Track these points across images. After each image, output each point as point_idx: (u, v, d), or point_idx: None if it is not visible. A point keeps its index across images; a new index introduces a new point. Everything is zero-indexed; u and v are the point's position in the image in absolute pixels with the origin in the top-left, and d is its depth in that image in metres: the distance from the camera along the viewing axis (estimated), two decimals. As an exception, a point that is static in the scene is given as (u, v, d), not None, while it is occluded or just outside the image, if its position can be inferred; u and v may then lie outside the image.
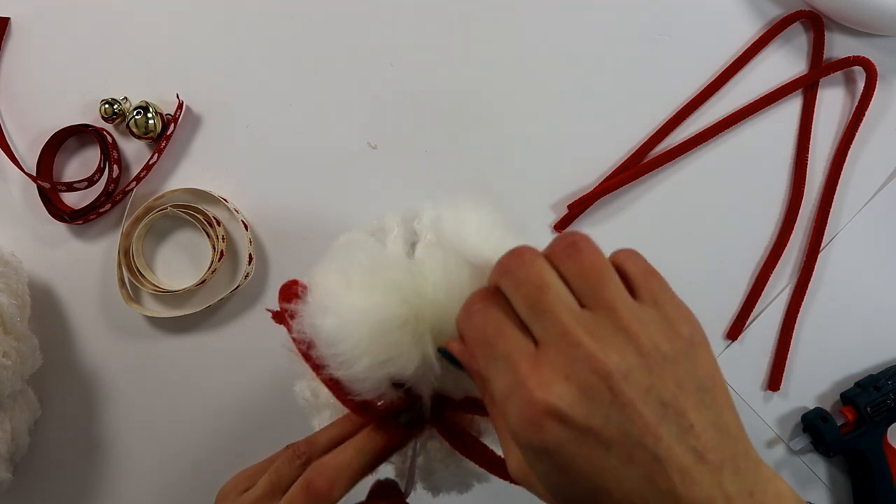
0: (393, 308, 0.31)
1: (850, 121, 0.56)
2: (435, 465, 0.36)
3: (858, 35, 0.56)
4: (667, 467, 0.23)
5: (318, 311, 0.31)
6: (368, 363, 0.30)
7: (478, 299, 0.27)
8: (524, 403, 0.24)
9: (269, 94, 0.56)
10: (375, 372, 0.30)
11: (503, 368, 0.25)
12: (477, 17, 0.56)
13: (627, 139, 0.56)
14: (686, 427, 0.24)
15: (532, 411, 0.24)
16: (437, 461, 0.36)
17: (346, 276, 0.32)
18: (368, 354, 0.30)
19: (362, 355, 0.30)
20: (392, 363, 0.30)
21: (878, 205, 0.56)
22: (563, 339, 0.24)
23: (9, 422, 0.49)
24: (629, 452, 0.23)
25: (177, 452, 0.56)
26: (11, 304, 0.48)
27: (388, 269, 0.32)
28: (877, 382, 0.53)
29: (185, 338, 0.56)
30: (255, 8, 0.56)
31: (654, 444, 0.23)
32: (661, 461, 0.23)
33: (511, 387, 0.24)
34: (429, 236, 0.34)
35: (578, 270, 0.26)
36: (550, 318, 0.25)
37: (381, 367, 0.30)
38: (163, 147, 0.54)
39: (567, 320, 0.25)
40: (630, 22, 0.56)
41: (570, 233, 0.27)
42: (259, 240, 0.56)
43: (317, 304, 0.32)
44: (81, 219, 0.54)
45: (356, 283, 0.31)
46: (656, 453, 0.23)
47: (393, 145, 0.56)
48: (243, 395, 0.56)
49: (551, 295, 0.25)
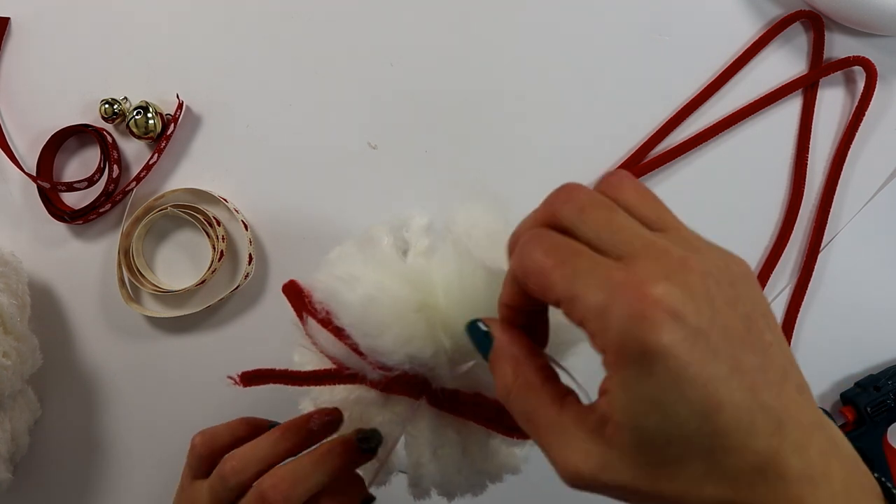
0: (411, 294, 0.31)
1: (850, 121, 0.56)
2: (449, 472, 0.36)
3: (858, 35, 0.56)
4: (767, 378, 0.22)
5: (346, 283, 0.31)
6: (394, 338, 0.31)
7: (538, 231, 0.25)
8: (634, 300, 0.21)
9: (269, 94, 0.56)
10: (400, 347, 0.31)
11: (594, 281, 0.22)
12: (477, 17, 0.56)
13: (627, 139, 0.56)
14: (766, 345, 0.23)
15: (644, 306, 0.21)
16: (451, 466, 0.36)
17: (362, 261, 0.33)
18: (393, 330, 0.31)
19: (389, 329, 0.31)
20: (413, 343, 0.31)
21: (878, 205, 0.56)
22: (651, 248, 0.23)
23: (9, 422, 0.49)
24: (735, 359, 0.22)
25: (177, 452, 0.56)
26: (11, 304, 0.49)
27: (398, 264, 0.33)
28: (877, 382, 0.53)
29: (185, 338, 0.56)
30: (255, 8, 0.56)
31: (751, 353, 0.22)
32: (763, 371, 0.22)
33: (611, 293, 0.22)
34: (420, 244, 0.35)
35: (637, 200, 0.25)
36: (629, 232, 0.24)
37: (405, 344, 0.31)
38: (163, 147, 0.54)
39: (647, 233, 0.24)
40: (630, 22, 0.56)
41: (615, 171, 0.26)
42: (259, 240, 0.56)
43: (344, 277, 0.32)
44: (81, 219, 0.54)
45: (373, 268, 0.32)
46: (757, 363, 0.22)
47: (393, 145, 0.56)
48: (243, 396, 0.56)
49: (622, 214, 0.24)
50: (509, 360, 0.26)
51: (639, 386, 0.22)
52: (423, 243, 0.36)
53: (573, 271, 0.23)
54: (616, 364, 0.22)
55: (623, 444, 0.22)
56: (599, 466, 0.23)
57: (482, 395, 0.34)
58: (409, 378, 0.33)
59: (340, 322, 0.32)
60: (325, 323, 0.32)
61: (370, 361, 0.32)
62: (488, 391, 0.34)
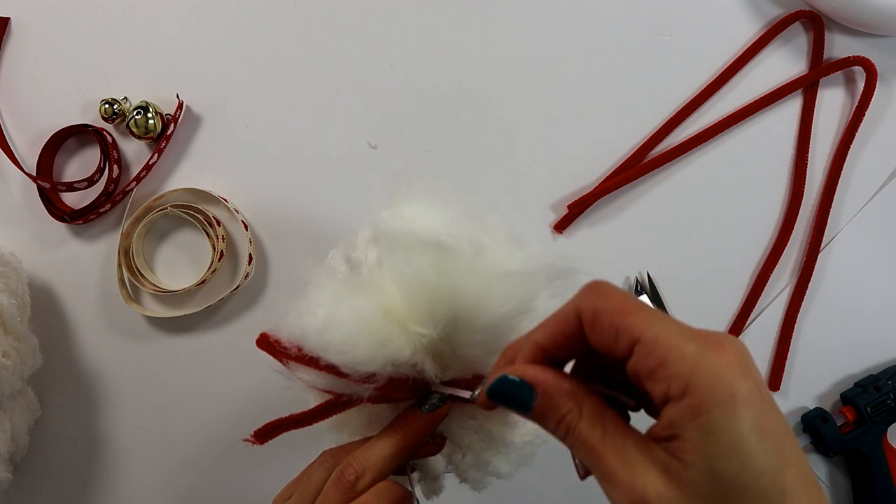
0: (371, 302, 0.32)
1: (850, 121, 0.56)
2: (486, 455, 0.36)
3: (858, 35, 0.56)
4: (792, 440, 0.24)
5: (306, 314, 0.32)
6: (367, 346, 0.31)
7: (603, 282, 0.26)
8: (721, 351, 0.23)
9: (269, 94, 0.56)
10: (376, 352, 0.31)
11: (678, 329, 0.24)
12: (477, 17, 0.56)
13: (627, 139, 0.56)
14: None
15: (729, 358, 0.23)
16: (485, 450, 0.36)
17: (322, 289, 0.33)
18: (364, 339, 0.31)
19: (358, 340, 0.31)
20: (387, 346, 0.31)
21: (878, 205, 0.56)
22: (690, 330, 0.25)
23: (9, 422, 0.49)
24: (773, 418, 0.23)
25: (176, 452, 0.56)
26: (11, 304, 0.48)
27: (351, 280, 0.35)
28: (877, 382, 0.53)
29: (185, 338, 0.56)
30: (256, 8, 0.56)
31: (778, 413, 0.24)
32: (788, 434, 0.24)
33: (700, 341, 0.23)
34: (369, 257, 0.36)
35: None
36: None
37: (381, 348, 0.31)
38: (163, 147, 0.54)
39: None
40: (630, 22, 0.56)
41: None
42: (259, 240, 0.56)
43: (304, 308, 0.33)
44: (81, 219, 0.54)
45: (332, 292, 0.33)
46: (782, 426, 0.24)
47: (393, 145, 0.56)
48: (243, 395, 0.56)
49: None
50: (569, 396, 0.26)
51: (722, 430, 0.22)
52: (373, 255, 0.36)
53: (654, 316, 0.24)
54: (698, 408, 0.22)
55: (696, 488, 0.22)
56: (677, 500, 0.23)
57: (480, 375, 0.34)
58: (399, 382, 0.33)
59: (313, 352, 0.32)
60: (300, 358, 0.33)
61: (355, 379, 0.32)
62: (485, 370, 0.34)
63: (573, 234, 0.56)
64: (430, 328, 0.32)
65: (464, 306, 0.31)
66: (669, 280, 0.55)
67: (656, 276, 0.55)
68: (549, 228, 0.56)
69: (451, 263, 0.31)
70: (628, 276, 0.55)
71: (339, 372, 0.32)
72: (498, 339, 0.33)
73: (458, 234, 0.32)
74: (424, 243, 0.31)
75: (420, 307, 0.32)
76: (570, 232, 0.56)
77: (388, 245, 0.33)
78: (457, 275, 0.31)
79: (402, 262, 0.32)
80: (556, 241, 0.56)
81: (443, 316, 0.31)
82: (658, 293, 0.55)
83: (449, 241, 0.31)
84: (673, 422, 0.23)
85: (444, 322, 0.32)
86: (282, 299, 0.55)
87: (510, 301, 0.31)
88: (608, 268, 0.56)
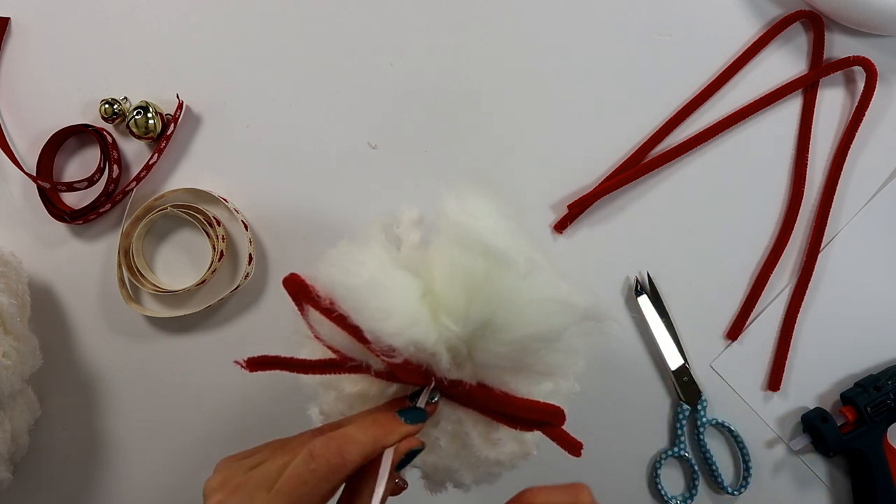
0: (413, 280, 0.32)
1: (850, 121, 0.56)
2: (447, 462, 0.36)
3: (858, 35, 0.56)
4: None
5: (350, 269, 0.32)
6: (399, 321, 0.31)
7: None
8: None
9: (269, 94, 0.56)
10: (405, 330, 0.31)
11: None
12: (477, 17, 0.56)
13: (627, 139, 0.56)
14: None
15: None
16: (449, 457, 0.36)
17: (368, 249, 0.33)
18: (399, 313, 0.31)
19: (394, 312, 0.31)
20: (416, 327, 0.31)
21: (878, 205, 0.56)
22: None
23: (9, 422, 0.49)
24: None
25: (176, 452, 0.56)
26: (11, 304, 0.48)
27: (397, 254, 0.34)
28: (877, 382, 0.53)
29: (185, 338, 0.56)
30: (255, 8, 0.56)
31: None
32: None
33: None
34: (412, 237, 0.36)
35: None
36: None
37: (410, 328, 0.31)
38: (163, 147, 0.54)
39: None
40: (630, 22, 0.56)
41: None
42: (259, 240, 0.56)
43: (348, 264, 0.32)
44: (81, 219, 0.54)
45: (378, 256, 0.33)
46: None
47: (393, 145, 0.56)
48: (243, 395, 0.56)
49: None
50: None
51: None
52: (415, 237, 0.36)
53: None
54: None
55: None
56: None
57: (486, 385, 0.34)
58: (412, 366, 0.33)
59: (345, 309, 0.32)
60: (329, 311, 0.32)
61: (374, 349, 0.32)
62: (492, 381, 0.34)
63: (573, 234, 0.56)
64: (459, 325, 0.32)
65: (498, 316, 0.32)
66: (669, 280, 0.55)
67: (656, 276, 0.55)
68: (548, 228, 0.56)
69: (502, 273, 0.32)
70: (628, 276, 0.55)
71: (363, 337, 0.32)
72: (517, 358, 0.33)
73: (517, 247, 0.32)
74: (486, 246, 0.32)
75: (457, 303, 0.32)
76: (570, 232, 0.56)
77: (448, 236, 0.33)
78: (503, 285, 0.31)
79: (457, 256, 0.32)
80: (556, 241, 0.56)
81: (475, 318, 0.32)
82: (658, 293, 0.55)
83: (508, 251, 0.32)
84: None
85: (474, 324, 0.32)
86: (282, 299, 0.55)
87: (543, 325, 0.32)
88: (608, 268, 0.56)
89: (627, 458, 0.56)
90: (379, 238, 0.36)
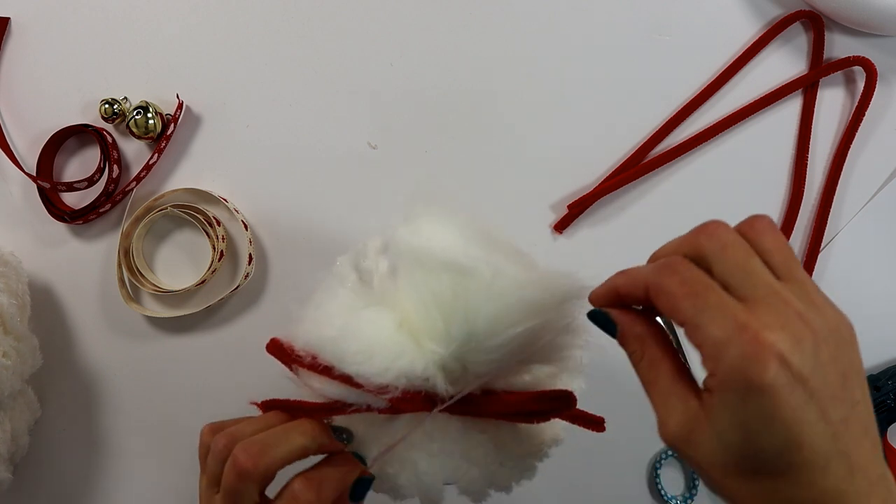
0: (386, 314, 0.33)
1: (850, 121, 0.56)
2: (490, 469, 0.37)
3: (858, 35, 0.56)
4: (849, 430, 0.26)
5: (321, 323, 0.33)
6: (382, 358, 0.32)
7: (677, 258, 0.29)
8: (750, 342, 0.25)
9: (269, 94, 0.56)
10: (391, 364, 0.32)
11: (719, 316, 0.26)
12: (477, 17, 0.56)
13: (627, 139, 0.56)
14: (854, 402, 0.27)
15: (758, 349, 0.25)
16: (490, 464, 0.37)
17: (336, 298, 0.34)
18: (379, 350, 0.32)
19: (374, 351, 0.32)
20: (402, 358, 0.32)
21: (878, 205, 0.56)
22: (775, 297, 0.26)
23: (9, 422, 0.49)
24: (825, 409, 0.25)
25: (176, 452, 0.56)
26: (11, 304, 0.48)
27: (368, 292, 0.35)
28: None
29: (185, 338, 0.56)
30: (256, 8, 0.56)
31: (840, 406, 0.26)
32: (846, 423, 0.26)
33: (731, 330, 0.26)
34: (381, 267, 0.36)
35: (773, 247, 0.28)
36: (761, 279, 0.27)
37: (395, 360, 0.32)
38: (163, 147, 0.54)
39: (775, 282, 0.27)
40: (630, 22, 0.56)
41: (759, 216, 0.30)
42: (259, 240, 0.56)
43: (318, 317, 0.33)
44: (81, 219, 0.54)
45: (346, 301, 0.34)
46: (843, 415, 0.26)
47: (393, 145, 0.56)
48: (243, 396, 0.55)
49: (756, 259, 0.28)
50: (637, 339, 0.31)
51: (733, 410, 0.26)
52: (384, 266, 0.36)
53: (703, 304, 0.27)
54: (720, 388, 0.26)
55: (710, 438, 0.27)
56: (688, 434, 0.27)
57: (492, 390, 0.34)
58: (410, 395, 0.33)
59: (327, 361, 0.33)
60: (314, 366, 0.33)
61: (369, 389, 0.32)
62: (497, 384, 0.34)
63: (573, 234, 0.56)
64: (443, 346, 0.32)
65: (479, 327, 0.32)
66: (669, 280, 0.55)
67: (656, 276, 0.55)
68: (549, 228, 0.56)
69: (469, 285, 0.32)
70: (628, 276, 0.55)
71: (354, 382, 0.32)
72: (510, 358, 0.33)
73: (475, 256, 0.33)
74: (444, 264, 0.32)
75: (435, 325, 0.32)
76: (570, 232, 0.56)
77: (406, 263, 0.34)
78: (473, 296, 0.32)
79: (420, 282, 0.32)
80: (556, 241, 0.56)
81: (457, 336, 0.32)
82: (658, 293, 0.55)
83: (467, 262, 0.32)
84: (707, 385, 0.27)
85: (458, 341, 0.32)
86: (282, 299, 0.55)
87: (524, 322, 0.32)
88: (608, 268, 0.56)
89: (627, 459, 0.56)
90: (349, 279, 0.36)
